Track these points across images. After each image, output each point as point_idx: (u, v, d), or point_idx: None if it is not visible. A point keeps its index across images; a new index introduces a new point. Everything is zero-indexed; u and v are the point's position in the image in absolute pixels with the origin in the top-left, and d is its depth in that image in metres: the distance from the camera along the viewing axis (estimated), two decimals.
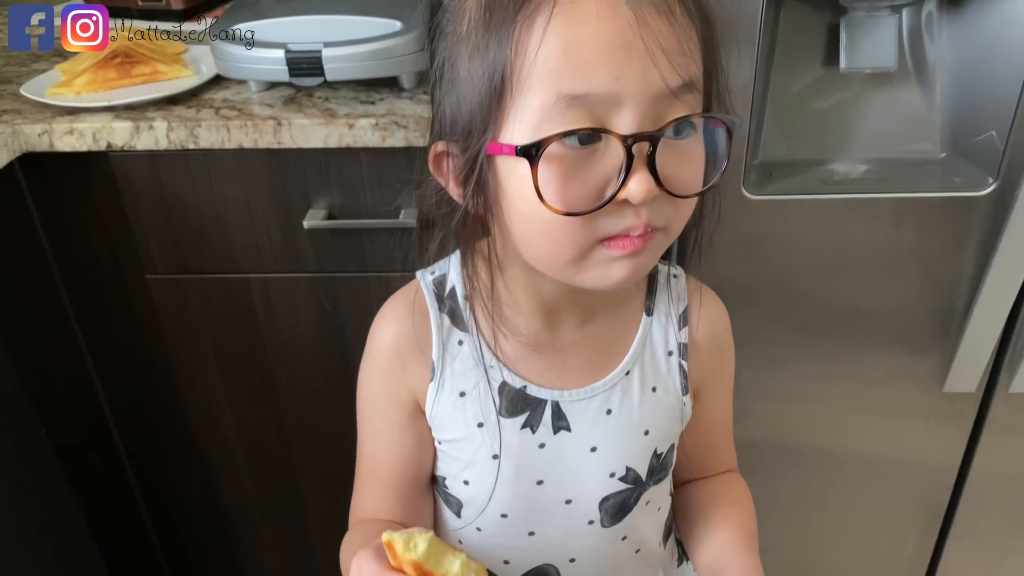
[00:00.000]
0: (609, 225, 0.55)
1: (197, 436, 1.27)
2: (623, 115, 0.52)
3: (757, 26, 0.90)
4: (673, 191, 0.54)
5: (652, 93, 0.52)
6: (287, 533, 1.39)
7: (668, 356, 0.71)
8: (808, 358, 1.12)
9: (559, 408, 0.69)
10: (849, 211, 1.00)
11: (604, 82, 0.51)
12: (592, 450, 0.69)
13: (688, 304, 0.73)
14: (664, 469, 0.74)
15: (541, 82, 0.52)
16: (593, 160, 0.53)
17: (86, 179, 1.05)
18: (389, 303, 0.72)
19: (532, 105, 0.53)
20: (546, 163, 0.53)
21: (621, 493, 0.71)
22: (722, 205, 0.66)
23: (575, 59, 0.51)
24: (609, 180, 0.53)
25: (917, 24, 1.00)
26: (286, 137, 1.00)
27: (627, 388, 0.70)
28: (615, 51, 0.51)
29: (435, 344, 0.68)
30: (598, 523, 0.72)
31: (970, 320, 1.04)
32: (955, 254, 1.03)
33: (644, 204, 0.54)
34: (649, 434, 0.71)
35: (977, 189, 0.98)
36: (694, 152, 0.56)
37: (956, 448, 1.19)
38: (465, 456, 0.70)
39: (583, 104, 0.52)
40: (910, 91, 1.02)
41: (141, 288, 1.13)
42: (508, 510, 0.71)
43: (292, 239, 1.08)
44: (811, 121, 1.03)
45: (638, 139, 0.52)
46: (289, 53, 0.99)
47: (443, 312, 0.69)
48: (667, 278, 0.73)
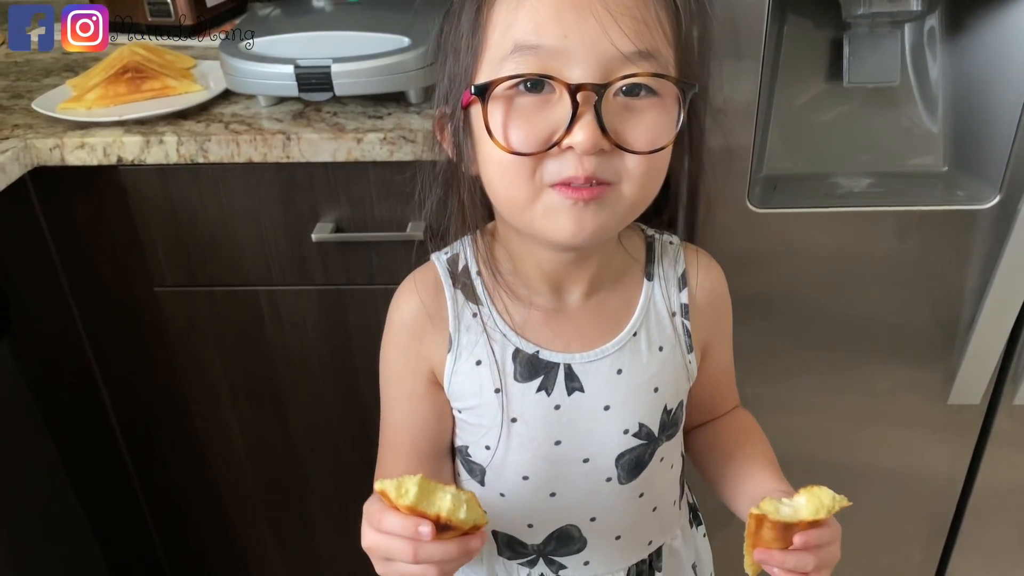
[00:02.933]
0: (555, 170, 0.59)
1: (204, 447, 1.27)
2: (573, 69, 0.57)
3: (761, 41, 0.91)
4: (623, 145, 0.58)
5: (601, 53, 0.56)
6: (293, 545, 1.39)
7: (672, 317, 0.75)
8: (812, 370, 1.12)
9: (571, 370, 0.72)
10: (853, 224, 1.01)
11: (554, 37, 0.56)
12: (606, 408, 0.73)
13: (686, 267, 0.77)
14: (675, 425, 0.77)
15: (502, 34, 0.58)
16: (547, 108, 0.58)
17: (96, 193, 1.06)
18: (406, 281, 0.76)
19: (494, 56, 0.59)
20: (498, 105, 0.59)
21: (635, 449, 0.75)
22: (720, 217, 0.68)
23: (531, 13, 0.57)
24: (559, 127, 0.57)
25: (919, 40, 1.01)
26: (295, 151, 1.01)
27: (635, 349, 0.73)
28: (567, 10, 0.55)
29: (451, 317, 0.72)
30: (615, 480, 0.75)
31: (974, 332, 1.04)
32: (959, 267, 1.03)
33: (589, 154, 0.57)
34: (658, 391, 0.74)
35: (980, 202, 0.99)
36: (650, 113, 0.59)
37: (961, 460, 1.18)
38: (485, 422, 0.74)
39: (535, 54, 0.57)
40: (913, 105, 1.03)
41: (150, 300, 1.14)
42: (529, 471, 0.74)
43: (300, 252, 1.09)
44: (815, 135, 1.04)
45: (583, 88, 0.56)
46: (298, 68, 1.00)
47: (457, 287, 0.73)
48: (663, 245, 0.78)
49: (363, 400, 1.18)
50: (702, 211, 1.00)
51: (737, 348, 1.08)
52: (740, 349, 1.08)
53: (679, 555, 0.85)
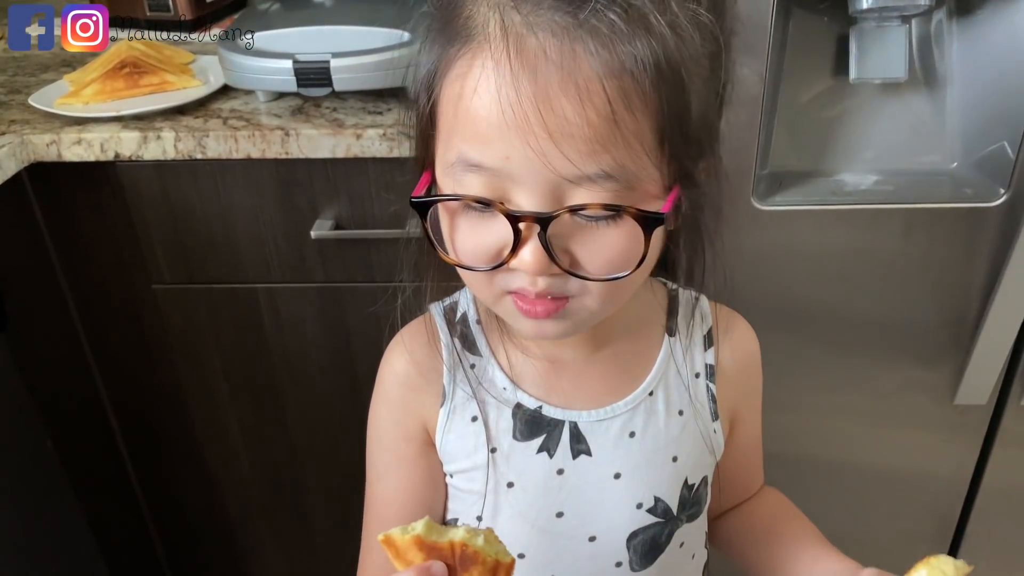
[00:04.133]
0: (508, 281, 0.54)
1: (203, 446, 1.27)
2: (519, 192, 0.50)
3: (767, 36, 0.90)
4: (576, 272, 0.52)
5: (545, 179, 0.49)
6: (292, 545, 1.38)
7: (695, 378, 0.68)
8: (817, 369, 1.11)
9: (577, 430, 0.65)
10: (859, 222, 1.00)
11: (496, 158, 0.49)
12: (616, 477, 0.65)
13: (712, 325, 0.70)
14: (697, 504, 0.69)
15: (446, 133, 0.52)
16: (495, 222, 0.51)
17: (94, 189, 1.05)
18: (397, 336, 0.69)
19: (442, 155, 0.53)
20: (445, 216, 0.54)
21: (650, 528, 0.67)
22: (724, 214, 0.62)
23: (471, 127, 0.50)
24: (507, 243, 0.51)
25: (927, 34, 1.00)
26: (294, 147, 1.00)
27: (651, 410, 0.66)
28: (506, 130, 0.48)
29: (445, 368, 0.66)
30: (627, 565, 0.67)
31: (981, 332, 1.03)
32: (966, 265, 1.02)
33: (539, 275, 0.52)
34: (678, 461, 0.67)
35: (988, 200, 0.97)
36: (610, 235, 0.51)
37: (967, 460, 1.18)
38: (477, 487, 0.66)
39: (479, 172, 0.50)
40: (920, 101, 1.02)
41: (148, 298, 1.13)
42: (526, 548, 0.66)
43: (299, 249, 1.08)
44: (821, 131, 1.03)
45: (524, 219, 0.50)
46: (297, 63, 0.99)
47: (454, 336, 0.67)
48: (688, 299, 0.70)
49: (363, 398, 1.15)
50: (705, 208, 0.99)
51: None
52: None
53: None
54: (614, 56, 0.47)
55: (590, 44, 0.47)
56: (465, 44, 0.50)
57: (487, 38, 0.49)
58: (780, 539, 0.71)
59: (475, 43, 0.49)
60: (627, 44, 0.47)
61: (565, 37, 0.47)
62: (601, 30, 0.47)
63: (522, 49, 0.47)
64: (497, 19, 0.49)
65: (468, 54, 0.50)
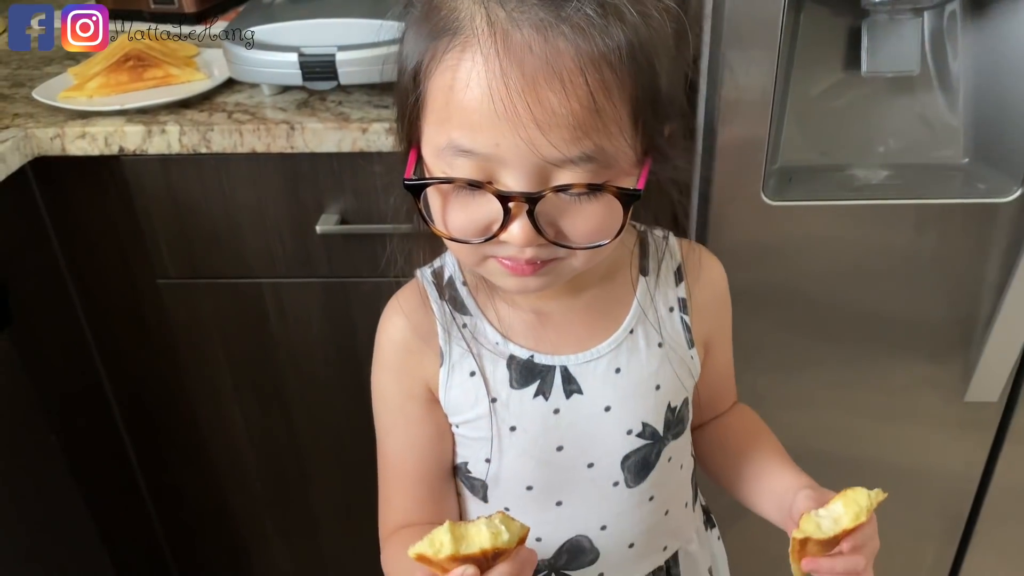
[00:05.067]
0: (496, 249, 0.59)
1: (208, 441, 1.26)
2: (507, 174, 0.55)
3: (777, 29, 0.89)
4: (560, 242, 0.57)
5: (533, 163, 0.54)
6: (297, 539, 1.38)
7: (670, 312, 0.74)
8: (827, 366, 1.10)
9: (568, 372, 0.70)
10: (870, 217, 0.99)
11: (487, 145, 0.54)
12: (606, 409, 0.71)
13: (682, 260, 0.75)
14: (680, 423, 0.75)
15: (436, 119, 0.56)
16: (485, 199, 0.56)
17: (98, 183, 1.05)
18: (390, 301, 0.74)
19: (431, 138, 0.58)
20: (436, 194, 0.59)
21: (641, 450, 0.72)
22: (728, 210, 0.65)
23: (462, 116, 0.54)
24: (496, 219, 0.56)
25: (940, 27, 0.99)
26: (299, 141, 0.99)
27: (633, 346, 0.72)
28: (497, 120, 0.52)
29: (440, 330, 0.71)
30: (623, 484, 0.73)
31: (993, 328, 1.02)
32: (978, 261, 1.01)
33: (527, 247, 0.57)
34: (660, 388, 0.72)
35: (1001, 196, 0.96)
36: (591, 208, 0.57)
37: (978, 458, 1.17)
38: (483, 434, 0.71)
39: (469, 156, 0.55)
40: (932, 95, 1.00)
41: (152, 293, 1.13)
42: (533, 481, 0.72)
43: (305, 244, 1.08)
44: (831, 126, 1.02)
45: (514, 198, 0.55)
46: (302, 56, 0.98)
47: (444, 300, 0.72)
48: (656, 240, 0.75)
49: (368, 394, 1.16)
50: (715, 203, 0.98)
51: (751, 342, 1.06)
52: (754, 343, 1.07)
53: (695, 559, 0.83)
54: (594, 48, 0.52)
55: (571, 38, 0.52)
56: (453, 37, 0.54)
57: (474, 32, 0.53)
58: (745, 455, 0.78)
59: (463, 36, 0.54)
60: (605, 36, 0.53)
61: (548, 32, 0.52)
62: (579, 24, 0.52)
63: (509, 44, 0.52)
64: (483, 14, 0.53)
65: (457, 47, 0.54)
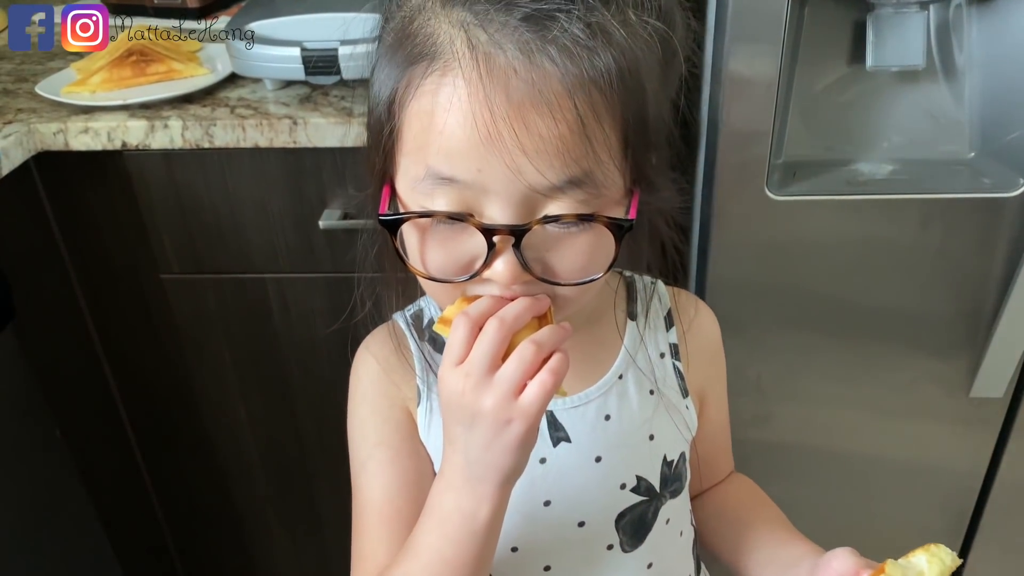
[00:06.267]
0: (477, 289, 0.55)
1: (212, 436, 1.26)
2: (491, 205, 0.51)
3: (781, 22, 0.88)
4: (548, 278, 0.53)
5: (517, 191, 0.50)
6: (301, 534, 1.38)
7: (661, 358, 0.70)
8: (832, 361, 1.09)
9: (554, 418, 0.66)
10: (875, 212, 0.98)
11: (468, 171, 0.50)
12: (596, 460, 0.67)
13: (671, 305, 0.72)
14: (678, 480, 0.70)
15: (413, 149, 0.52)
16: (466, 235, 0.52)
17: (101, 178, 1.05)
18: (360, 349, 0.70)
19: (407, 169, 0.53)
20: (413, 231, 0.54)
21: (636, 507, 0.68)
22: (731, 205, 0.63)
23: (442, 142, 0.50)
24: (479, 256, 0.52)
25: (945, 20, 0.98)
26: (302, 136, 0.99)
27: (623, 393, 0.68)
28: (479, 146, 0.49)
29: (418, 368, 0.67)
30: (618, 547, 0.68)
31: (998, 324, 1.02)
32: (984, 257, 1.00)
33: (512, 284, 0.53)
34: (654, 439, 0.68)
35: (1007, 190, 0.96)
36: (581, 241, 0.53)
37: (982, 454, 1.16)
38: None
39: (450, 185, 0.51)
40: (938, 89, 1.00)
41: (156, 288, 1.13)
42: (518, 541, 0.67)
43: (308, 239, 1.07)
44: (836, 120, 1.01)
45: (498, 231, 0.51)
46: (305, 51, 0.98)
47: (424, 340, 0.68)
48: (644, 285, 0.72)
49: None
50: (718, 198, 0.98)
51: (755, 338, 1.06)
52: (758, 338, 1.07)
53: None
54: (581, 70, 0.49)
55: (557, 60, 0.49)
56: (432, 62, 0.50)
57: (455, 56, 0.50)
58: (748, 524, 0.73)
59: (442, 61, 0.50)
60: (592, 57, 0.49)
61: (533, 54, 0.48)
62: (567, 45, 0.49)
63: (492, 67, 0.49)
64: (463, 37, 0.49)
65: (436, 72, 0.50)
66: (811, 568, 0.62)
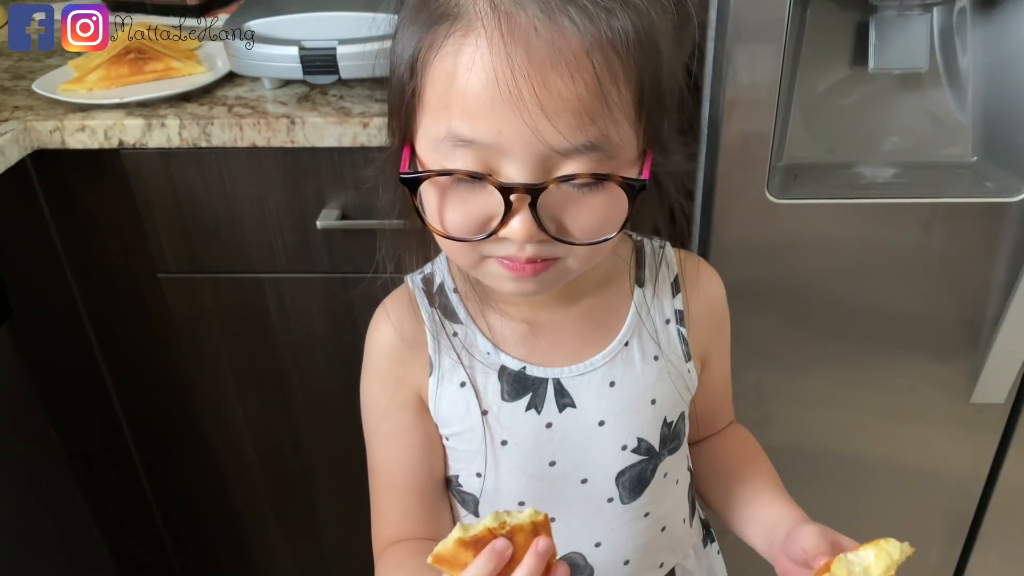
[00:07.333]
0: (494, 248, 0.57)
1: (209, 436, 1.26)
2: (509, 165, 0.53)
3: (783, 24, 0.87)
4: (563, 237, 0.55)
5: (536, 152, 0.52)
6: (299, 534, 1.38)
7: (666, 324, 0.72)
8: (833, 365, 1.09)
9: (561, 385, 0.69)
10: (876, 216, 0.98)
11: (489, 133, 0.52)
12: (600, 424, 0.69)
13: (679, 272, 0.73)
14: (677, 438, 0.73)
15: (435, 109, 0.54)
16: (484, 194, 0.54)
17: (98, 177, 1.04)
18: (378, 309, 0.73)
19: (428, 129, 0.55)
20: (432, 190, 0.56)
21: (636, 465, 0.71)
22: (732, 208, 0.64)
23: (463, 103, 0.52)
24: (496, 214, 0.54)
25: (949, 23, 0.97)
26: (299, 136, 0.98)
27: (628, 359, 0.70)
28: (500, 106, 0.50)
29: (430, 339, 0.69)
30: (617, 500, 0.71)
31: (1000, 329, 1.01)
32: (985, 261, 1.00)
33: (528, 243, 0.55)
34: (656, 403, 0.71)
35: (1009, 195, 0.95)
36: (595, 201, 0.55)
37: (983, 459, 1.16)
38: (474, 447, 0.70)
39: (470, 147, 0.53)
40: (941, 93, 0.99)
41: (153, 287, 1.12)
42: (525, 496, 0.71)
43: (305, 239, 1.07)
44: (838, 123, 1.00)
45: (516, 190, 0.53)
46: (303, 50, 0.97)
47: (434, 307, 0.70)
48: (653, 249, 0.74)
49: None
50: (719, 201, 0.97)
51: (755, 341, 1.06)
52: (758, 342, 1.06)
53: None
54: (600, 30, 0.51)
55: (577, 19, 0.50)
56: (454, 22, 0.52)
57: (477, 15, 0.51)
58: (738, 479, 0.76)
59: (464, 21, 0.52)
60: (611, 18, 0.51)
61: (553, 14, 0.50)
62: (586, 6, 0.51)
63: (513, 26, 0.50)
64: None
65: (458, 32, 0.52)
66: (784, 538, 0.66)
